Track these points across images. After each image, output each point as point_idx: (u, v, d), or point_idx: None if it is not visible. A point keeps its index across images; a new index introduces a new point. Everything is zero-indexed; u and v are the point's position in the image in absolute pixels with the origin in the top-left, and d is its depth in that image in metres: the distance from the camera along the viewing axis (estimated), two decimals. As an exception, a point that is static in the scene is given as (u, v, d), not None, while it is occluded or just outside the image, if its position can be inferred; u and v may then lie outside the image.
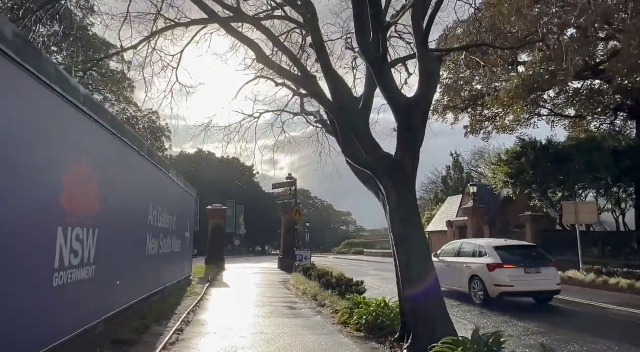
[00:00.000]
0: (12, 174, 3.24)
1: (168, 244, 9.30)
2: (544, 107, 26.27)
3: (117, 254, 5.67)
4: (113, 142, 5.49)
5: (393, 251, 6.40)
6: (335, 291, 10.40)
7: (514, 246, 11.95)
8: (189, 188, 12.36)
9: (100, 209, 4.97)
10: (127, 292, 6.32)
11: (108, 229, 5.24)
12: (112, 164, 5.51)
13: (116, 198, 5.62)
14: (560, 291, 10.82)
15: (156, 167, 7.91)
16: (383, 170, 6.25)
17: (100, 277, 4.99)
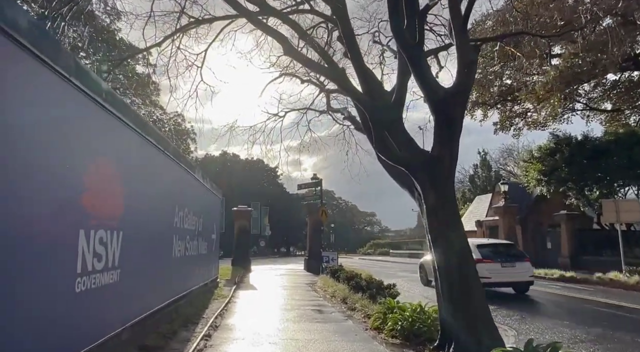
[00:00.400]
0: (28, 174, 3.03)
1: (194, 246, 9.12)
2: (579, 102, 25.19)
3: (142, 257, 5.47)
4: (137, 141, 5.29)
5: (430, 252, 6.00)
6: (365, 294, 10.03)
7: (494, 244, 13.85)
8: (214, 189, 12.21)
9: (125, 211, 4.77)
10: (154, 296, 6.13)
11: (133, 232, 5.04)
12: (137, 164, 5.32)
13: (141, 199, 5.42)
14: (533, 281, 12.65)
15: (182, 168, 7.73)
16: (419, 166, 5.86)
17: (125, 282, 4.79)
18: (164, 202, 6.56)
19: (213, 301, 9.94)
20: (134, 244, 5.08)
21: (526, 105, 28.93)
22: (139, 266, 5.33)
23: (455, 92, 5.59)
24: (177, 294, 7.44)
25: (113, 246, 4.44)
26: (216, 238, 12.49)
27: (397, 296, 8.59)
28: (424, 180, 5.84)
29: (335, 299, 11.41)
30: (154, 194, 6.05)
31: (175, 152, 7.12)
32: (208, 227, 11.07)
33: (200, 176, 9.64)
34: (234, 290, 12.44)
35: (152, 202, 5.92)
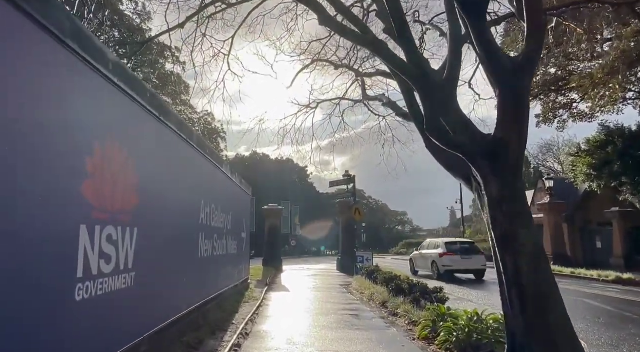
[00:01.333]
0: (10, 155, 2.38)
1: (223, 246, 8.51)
2: (631, 90, 23.34)
3: (162, 257, 4.84)
4: (154, 125, 4.66)
5: (494, 252, 5.11)
6: (407, 298, 9.16)
7: (458, 241, 19.56)
8: (244, 186, 11.61)
9: (140, 204, 4.13)
10: (177, 301, 5.50)
11: (151, 228, 4.40)
12: (154, 151, 4.69)
13: (160, 192, 4.79)
14: (485, 269, 17.46)
15: (208, 160, 7.11)
16: (479, 151, 4.98)
17: (141, 286, 4.15)
18: (187, 197, 5.93)
19: (244, 304, 9.30)
20: (152, 242, 4.45)
21: (571, 95, 27.16)
22: (158, 268, 4.70)
23: (524, 61, 4.68)
24: (204, 298, 6.82)
25: (126, 245, 3.80)
26: (246, 237, 11.89)
27: (446, 301, 7.69)
28: (485, 168, 4.96)
29: (374, 302, 10.58)
30: (176, 186, 5.43)
31: (200, 143, 6.49)
32: (237, 225, 10.46)
33: (228, 170, 9.03)
34: (265, 292, 11.81)
35: (173, 196, 5.29)
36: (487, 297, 12.10)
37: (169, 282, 5.11)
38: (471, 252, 17.60)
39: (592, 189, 23.42)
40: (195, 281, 6.40)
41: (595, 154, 22.09)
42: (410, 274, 18.44)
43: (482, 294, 13.07)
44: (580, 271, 19.59)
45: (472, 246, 18.64)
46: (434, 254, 18.09)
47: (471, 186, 5.47)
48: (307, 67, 10.16)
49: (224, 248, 8.57)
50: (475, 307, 7.19)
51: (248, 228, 12.41)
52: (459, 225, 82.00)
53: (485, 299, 11.82)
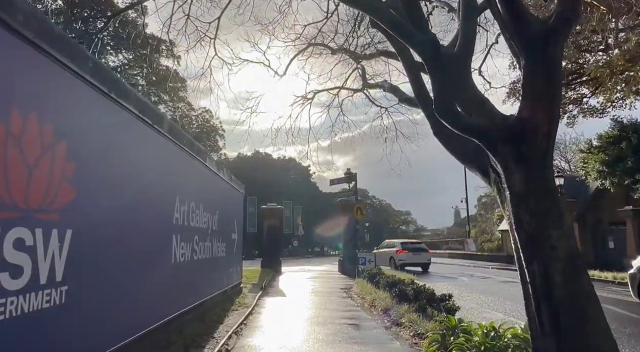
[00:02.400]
0: None
1: (207, 248, 7.66)
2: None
3: (115, 266, 3.99)
4: (102, 103, 3.80)
5: (517, 258, 4.23)
6: (412, 305, 8.29)
7: (410, 242, 25.11)
8: (234, 183, 10.75)
9: (77, 200, 3.28)
10: (139, 316, 4.65)
11: (94, 231, 3.56)
12: (100, 135, 3.83)
13: (110, 186, 3.93)
14: (429, 263, 22.91)
15: (185, 152, 6.26)
16: (500, 135, 4.10)
17: (80, 303, 3.30)
18: (154, 193, 5.08)
19: (231, 313, 8.45)
20: (97, 248, 3.60)
21: (581, 90, 26.21)
22: (107, 279, 3.85)
23: (558, 22, 3.79)
24: (179, 308, 5.97)
25: (50, 252, 2.95)
26: (238, 238, 11.04)
27: (456, 311, 6.80)
28: (507, 155, 4.08)
29: (375, 309, 9.71)
30: (137, 180, 4.58)
31: (173, 130, 5.63)
32: (226, 225, 9.61)
33: (213, 164, 8.17)
34: (258, 297, 10.95)
35: (132, 191, 4.44)
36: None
37: (126, 295, 4.26)
38: (420, 250, 22.96)
39: (604, 187, 22.45)
40: (167, 290, 5.55)
41: (608, 150, 21.14)
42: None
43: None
44: (593, 273, 18.62)
45: (421, 245, 24.40)
46: (392, 251, 23.47)
47: (488, 178, 4.59)
48: (302, 52, 9.31)
49: (208, 251, 7.72)
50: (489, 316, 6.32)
51: (240, 229, 11.55)
52: (463, 224, 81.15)
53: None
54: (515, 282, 16.50)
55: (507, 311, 10.14)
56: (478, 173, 4.75)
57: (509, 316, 9.64)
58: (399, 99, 7.22)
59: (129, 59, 24.40)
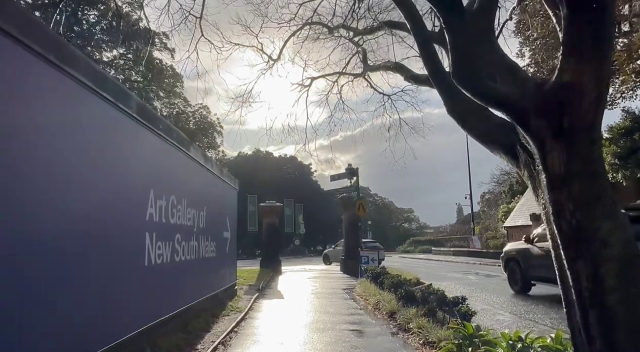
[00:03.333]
0: None
1: (192, 248, 6.90)
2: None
3: (61, 271, 3.22)
4: (38, 67, 3.03)
5: (556, 255, 3.45)
6: (421, 308, 7.52)
7: (368, 241, 29.64)
8: (226, 177, 9.97)
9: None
10: (98, 331, 3.88)
11: (25, 225, 2.78)
12: (39, 107, 3.05)
13: (55, 174, 3.16)
14: (383, 259, 24.58)
15: (161, 138, 5.49)
16: (534, 105, 3.32)
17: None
18: (118, 183, 4.30)
19: (221, 319, 7.68)
20: (29, 248, 2.83)
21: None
22: (49, 287, 3.08)
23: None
24: (156, 317, 5.21)
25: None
26: (231, 237, 10.27)
27: (471, 316, 6.01)
28: (542, 130, 3.30)
29: (380, 312, 8.94)
30: (90, 169, 3.81)
31: (144, 112, 4.85)
32: (217, 223, 8.85)
33: (199, 155, 7.40)
34: (254, 300, 10.18)
35: (87, 182, 3.68)
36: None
37: (77, 307, 3.49)
38: (377, 249, 24.72)
39: (616, 180, 21.63)
40: (138, 297, 4.79)
41: (620, 142, 20.34)
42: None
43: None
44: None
45: (377, 244, 28.32)
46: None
47: (517, 160, 3.80)
48: (298, 32, 8.52)
49: (194, 251, 6.96)
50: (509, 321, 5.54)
51: (234, 227, 10.78)
52: (466, 222, 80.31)
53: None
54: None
55: (521, 313, 9.35)
56: (503, 155, 3.96)
57: (522, 318, 8.87)
58: (404, 77, 6.43)
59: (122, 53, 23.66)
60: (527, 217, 31.21)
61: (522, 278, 12.38)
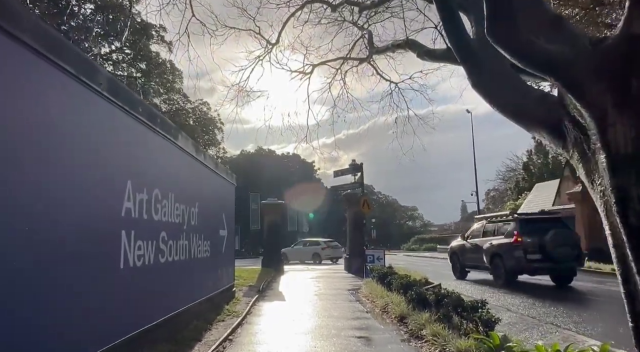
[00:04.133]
0: None
1: (182, 248, 6.24)
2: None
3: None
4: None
5: (618, 255, 2.77)
6: (434, 313, 6.84)
7: (329, 240, 32.72)
8: (222, 171, 9.30)
9: None
10: (57, 348, 3.22)
11: None
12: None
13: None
14: (341, 256, 26.48)
15: (141, 124, 4.82)
16: (589, 65, 2.64)
17: None
18: (84, 172, 3.64)
19: (215, 325, 7.02)
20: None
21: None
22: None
23: None
24: (136, 327, 4.55)
25: None
26: (228, 235, 9.60)
27: (495, 323, 5.32)
28: (602, 97, 2.62)
29: (388, 316, 8.27)
30: (48, 152, 3.14)
31: (117, 90, 4.19)
32: (211, 220, 8.19)
33: (190, 146, 6.73)
34: (253, 303, 9.53)
35: (36, 167, 3.01)
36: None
37: (24, 323, 2.83)
38: (337, 247, 30.01)
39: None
40: (113, 306, 4.13)
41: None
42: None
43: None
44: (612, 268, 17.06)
45: (336, 244, 31.77)
46: (317, 248, 31.26)
47: (563, 139, 3.11)
48: (297, 13, 7.87)
49: (183, 251, 6.30)
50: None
51: (232, 224, 10.12)
52: (470, 219, 79.31)
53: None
54: (536, 280, 14.97)
55: (541, 316, 8.66)
56: (545, 134, 3.26)
57: (542, 320, 8.19)
58: (417, 53, 5.72)
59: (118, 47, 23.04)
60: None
61: (460, 267, 15.90)
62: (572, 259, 12.91)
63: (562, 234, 13.06)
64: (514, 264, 12.97)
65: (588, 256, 19.94)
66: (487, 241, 14.28)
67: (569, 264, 12.95)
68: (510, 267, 13.14)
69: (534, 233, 12.99)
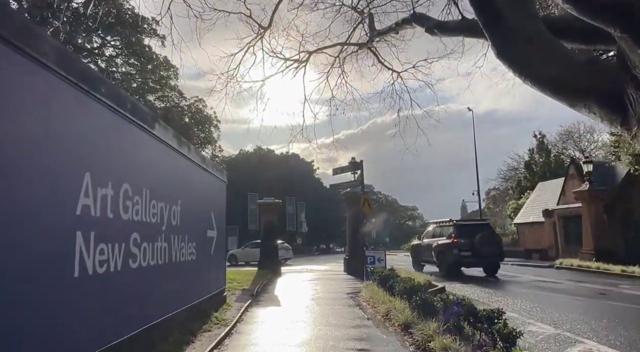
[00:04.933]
0: None
1: (160, 251, 5.54)
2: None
3: None
4: None
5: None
6: (442, 321, 6.16)
7: (280, 242, 25.35)
8: (210, 166, 8.59)
9: None
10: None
11: None
12: None
13: None
14: (291, 257, 30.28)
15: (107, 108, 4.13)
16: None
17: None
18: (22, 163, 2.95)
19: (200, 337, 6.32)
20: None
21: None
22: None
23: None
24: (98, 346, 3.85)
25: None
26: (218, 236, 8.90)
27: (517, 337, 4.62)
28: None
29: (391, 324, 7.59)
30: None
31: (67, 63, 3.50)
32: (198, 220, 7.49)
33: (170, 137, 6.03)
34: (245, 309, 8.84)
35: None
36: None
37: None
38: (288, 248, 29.50)
39: (633, 173, 20.20)
40: (64, 323, 3.44)
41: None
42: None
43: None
44: (633, 269, 16.37)
45: (287, 244, 31.14)
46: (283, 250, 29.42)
47: (623, 112, 2.42)
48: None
49: (162, 255, 5.60)
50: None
51: (222, 224, 9.43)
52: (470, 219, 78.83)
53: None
54: (548, 282, 14.31)
55: (557, 323, 7.98)
56: (596, 107, 2.57)
57: (559, 328, 7.52)
58: (426, 28, 5.00)
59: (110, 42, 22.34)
60: (539, 214, 29.78)
61: (417, 262, 19.74)
62: (495, 255, 16.75)
63: (487, 236, 16.76)
64: (452, 259, 16.67)
65: (595, 256, 19.27)
66: (435, 241, 18.08)
67: (493, 259, 16.79)
68: (449, 261, 16.79)
69: (467, 235, 16.69)
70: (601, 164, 24.86)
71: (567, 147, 53.46)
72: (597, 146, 48.60)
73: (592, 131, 50.20)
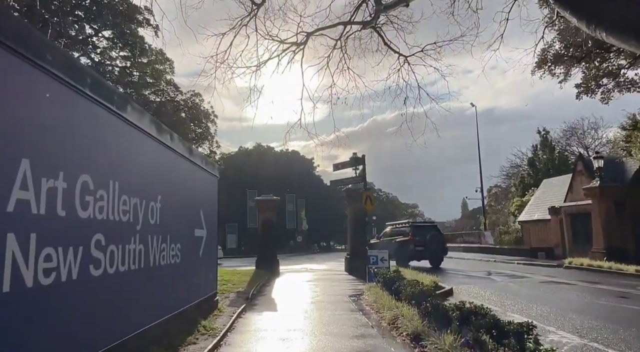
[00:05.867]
0: None
1: (133, 254, 4.76)
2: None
3: None
4: None
5: None
6: (459, 334, 5.39)
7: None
8: (198, 159, 7.79)
9: None
10: None
11: None
12: None
13: None
14: (221, 256, 25.35)
15: (53, 78, 3.36)
16: None
17: None
18: None
19: (183, 350, 5.55)
20: None
21: (619, 61, 23.16)
22: None
23: None
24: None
25: None
26: (208, 236, 8.11)
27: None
28: None
29: (399, 333, 6.83)
30: None
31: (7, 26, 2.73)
32: (183, 218, 6.71)
33: (147, 122, 5.24)
34: (238, 315, 8.07)
35: None
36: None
37: None
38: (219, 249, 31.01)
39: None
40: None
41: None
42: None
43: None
44: (637, 268, 15.62)
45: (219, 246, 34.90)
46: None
47: None
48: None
49: (135, 258, 4.82)
50: None
51: (213, 222, 8.65)
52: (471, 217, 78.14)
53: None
54: (561, 283, 13.52)
55: (581, 332, 7.17)
56: None
57: (584, 338, 6.73)
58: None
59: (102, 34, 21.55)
60: (545, 211, 28.94)
61: None
62: (441, 251, 21.20)
63: (436, 235, 21.44)
64: (409, 252, 20.34)
65: (607, 255, 18.51)
66: (395, 238, 22.01)
67: (439, 254, 21.17)
68: (407, 254, 20.22)
69: (420, 234, 21.00)
70: (611, 159, 24.05)
71: (571, 143, 52.73)
72: (601, 143, 47.85)
73: (597, 127, 49.43)
